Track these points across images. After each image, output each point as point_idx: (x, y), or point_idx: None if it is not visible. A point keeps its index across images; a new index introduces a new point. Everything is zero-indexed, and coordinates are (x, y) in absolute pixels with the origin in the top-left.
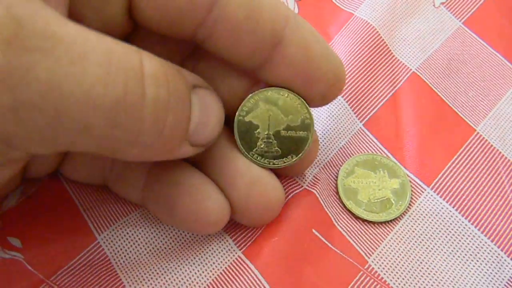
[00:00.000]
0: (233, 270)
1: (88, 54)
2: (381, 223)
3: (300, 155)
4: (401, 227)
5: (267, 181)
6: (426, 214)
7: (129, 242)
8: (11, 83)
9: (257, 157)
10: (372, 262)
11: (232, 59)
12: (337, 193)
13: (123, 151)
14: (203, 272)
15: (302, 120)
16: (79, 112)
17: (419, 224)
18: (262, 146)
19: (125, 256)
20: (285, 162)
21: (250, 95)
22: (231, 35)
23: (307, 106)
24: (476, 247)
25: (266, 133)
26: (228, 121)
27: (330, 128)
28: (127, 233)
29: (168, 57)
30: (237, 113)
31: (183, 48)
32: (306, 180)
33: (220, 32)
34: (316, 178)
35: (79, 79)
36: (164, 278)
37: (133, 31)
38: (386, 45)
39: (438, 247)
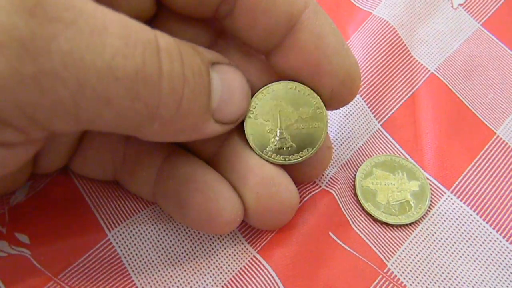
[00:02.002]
0: (248, 271)
1: (108, 26)
2: (400, 226)
3: (316, 147)
4: (420, 230)
5: (279, 181)
6: (446, 218)
7: (140, 240)
8: (34, 52)
9: (271, 155)
10: (392, 265)
11: (247, 39)
12: (355, 194)
13: (144, 126)
14: (218, 274)
15: (314, 111)
16: (100, 83)
17: (439, 227)
18: (275, 143)
19: (136, 254)
20: (301, 157)
21: (256, 92)
22: (249, 13)
23: (318, 96)
24: (498, 251)
25: (278, 129)
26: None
27: (348, 128)
28: (139, 230)
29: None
30: None
31: (201, 40)
32: (324, 180)
33: (239, 10)
34: (334, 178)
35: (100, 50)
36: (178, 280)
37: (154, 17)
38: (405, 45)
39: (459, 251)
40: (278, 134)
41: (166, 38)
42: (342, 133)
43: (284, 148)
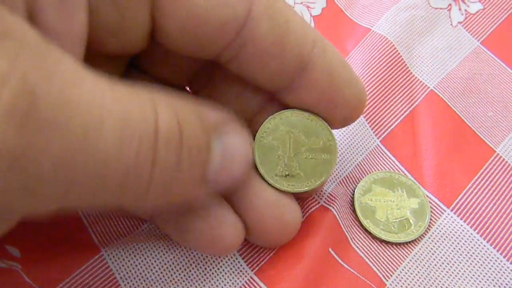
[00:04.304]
0: None
1: (104, 120)
2: (399, 244)
3: (322, 179)
4: (420, 249)
5: (283, 203)
6: (447, 236)
7: (135, 256)
8: (25, 163)
9: (277, 181)
10: (391, 285)
11: (254, 81)
12: (354, 211)
13: (131, 207)
14: None
15: (325, 143)
16: (90, 181)
17: (439, 246)
18: (282, 169)
19: (131, 271)
20: (306, 186)
21: (270, 116)
22: (257, 59)
23: (330, 128)
24: (499, 271)
25: (287, 155)
26: None
27: (347, 144)
28: (133, 246)
29: (182, 71)
30: (257, 135)
31: (198, 61)
32: (323, 197)
33: (245, 55)
34: (333, 195)
35: (93, 150)
36: None
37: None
38: (404, 61)
39: (459, 271)
40: (286, 160)
41: (167, 115)
42: (341, 149)
43: (291, 175)
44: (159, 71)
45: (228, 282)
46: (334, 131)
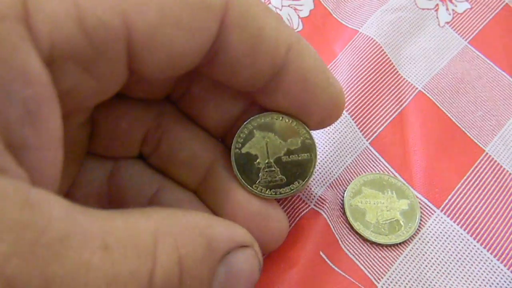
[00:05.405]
0: None
1: None
2: (390, 245)
3: (306, 179)
4: (411, 250)
5: (268, 213)
6: (437, 237)
7: None
8: None
9: (261, 190)
10: (382, 287)
11: (228, 84)
12: (344, 213)
13: None
14: None
15: (303, 142)
16: None
17: (429, 247)
18: (264, 177)
19: None
20: (292, 190)
21: (243, 124)
22: (229, 67)
23: (305, 126)
24: (489, 271)
25: (266, 161)
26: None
27: (336, 146)
28: None
29: (158, 89)
30: (232, 146)
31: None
32: (313, 200)
33: (217, 63)
34: (323, 198)
35: None
36: None
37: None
38: (392, 63)
39: (450, 271)
40: (267, 167)
41: (166, 260)
42: (330, 151)
43: (274, 181)
44: (135, 93)
45: None
46: (322, 131)
